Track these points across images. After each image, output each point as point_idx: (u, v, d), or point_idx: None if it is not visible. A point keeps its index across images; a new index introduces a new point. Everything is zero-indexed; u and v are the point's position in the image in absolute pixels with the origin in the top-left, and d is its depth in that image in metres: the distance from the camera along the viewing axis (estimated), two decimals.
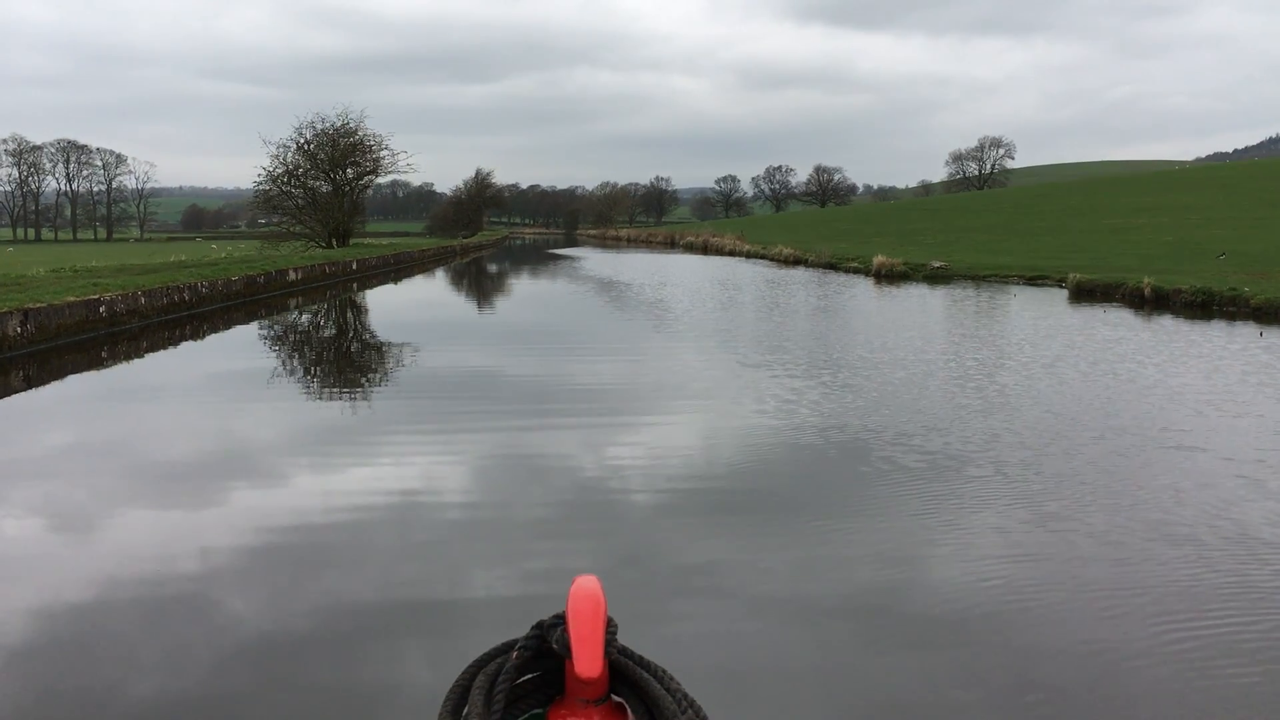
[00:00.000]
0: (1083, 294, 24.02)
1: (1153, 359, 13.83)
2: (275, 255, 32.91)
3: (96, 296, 16.69)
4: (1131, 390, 11.47)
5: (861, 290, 28.59)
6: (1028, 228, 58.49)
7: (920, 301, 24.29)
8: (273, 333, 20.23)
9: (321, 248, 47.73)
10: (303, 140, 48.99)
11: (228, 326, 20.49)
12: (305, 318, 23.27)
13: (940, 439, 9.04)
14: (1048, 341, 15.78)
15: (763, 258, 50.29)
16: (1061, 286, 26.66)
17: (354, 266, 36.28)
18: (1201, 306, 19.90)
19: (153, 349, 17.00)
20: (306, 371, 15.00)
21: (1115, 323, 18.42)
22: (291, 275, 27.96)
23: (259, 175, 48.79)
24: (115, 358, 15.72)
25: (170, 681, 4.50)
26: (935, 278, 31.19)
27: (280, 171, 48.63)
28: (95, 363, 15.10)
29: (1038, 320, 19.13)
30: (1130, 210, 63.57)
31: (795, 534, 6.54)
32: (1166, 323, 18.32)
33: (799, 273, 37.75)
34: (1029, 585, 5.52)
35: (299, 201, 49.85)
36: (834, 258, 39.85)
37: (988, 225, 64.01)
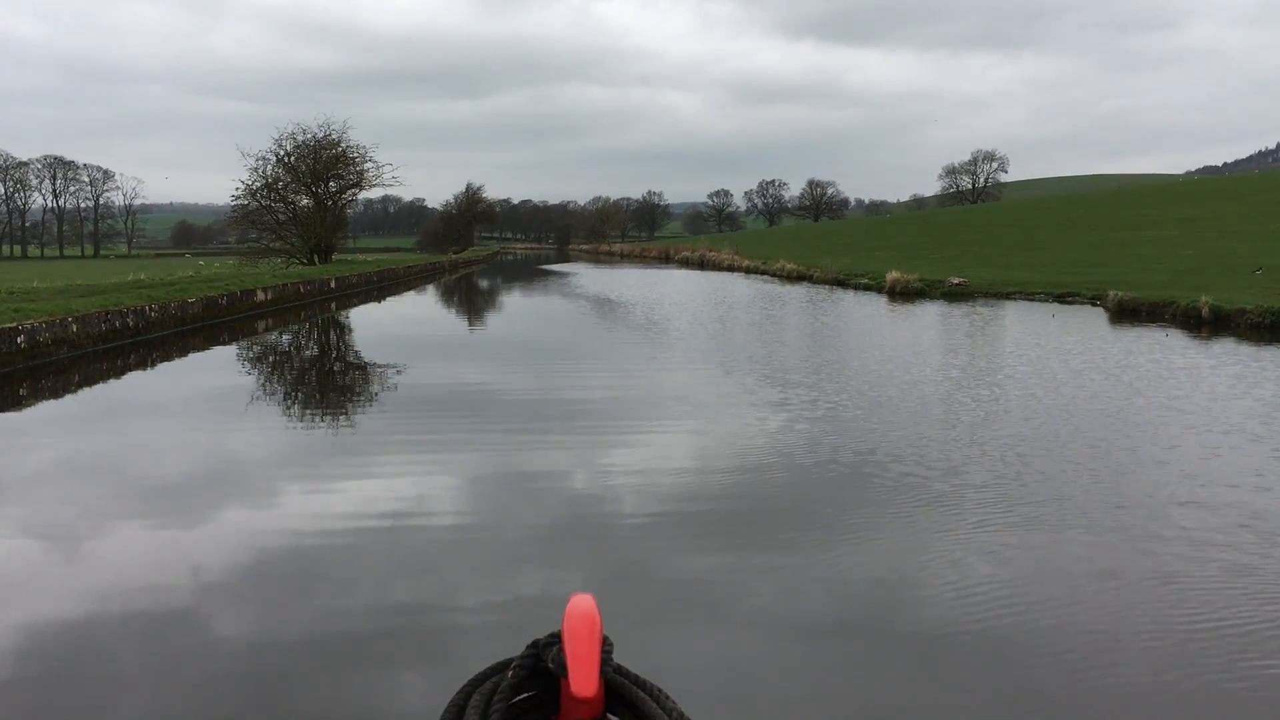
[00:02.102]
0: (1125, 314, 21.94)
1: (1259, 394, 11.72)
2: (244, 274, 30.68)
3: (14, 325, 14.45)
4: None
5: (878, 309, 26.50)
6: (1032, 241, 56.94)
7: (948, 323, 22.18)
8: (234, 357, 18.26)
9: (302, 264, 45.51)
10: (282, 152, 46.77)
11: (184, 353, 18.34)
12: (271, 341, 21.11)
13: (1047, 545, 6.89)
14: (1122, 373, 13.64)
15: (763, 273, 48.26)
16: (1096, 305, 24.62)
17: (332, 285, 34.02)
18: (1270, 328, 17.81)
19: (87, 383, 14.83)
20: (274, 396, 13.88)
21: (1181, 348, 16.33)
22: (260, 295, 25.69)
23: (237, 189, 46.51)
24: (36, 395, 13.54)
25: (159, 703, 4.47)
26: (954, 295, 29.13)
27: (259, 185, 46.37)
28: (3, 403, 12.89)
29: (1090, 345, 17.00)
30: (1136, 223, 62.05)
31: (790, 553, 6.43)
32: (1239, 348, 16.23)
33: (804, 290, 35.69)
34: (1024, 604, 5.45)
35: (279, 216, 47.54)
36: (841, 273, 37.80)
37: (990, 239, 62.50)
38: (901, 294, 30.20)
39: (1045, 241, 55.65)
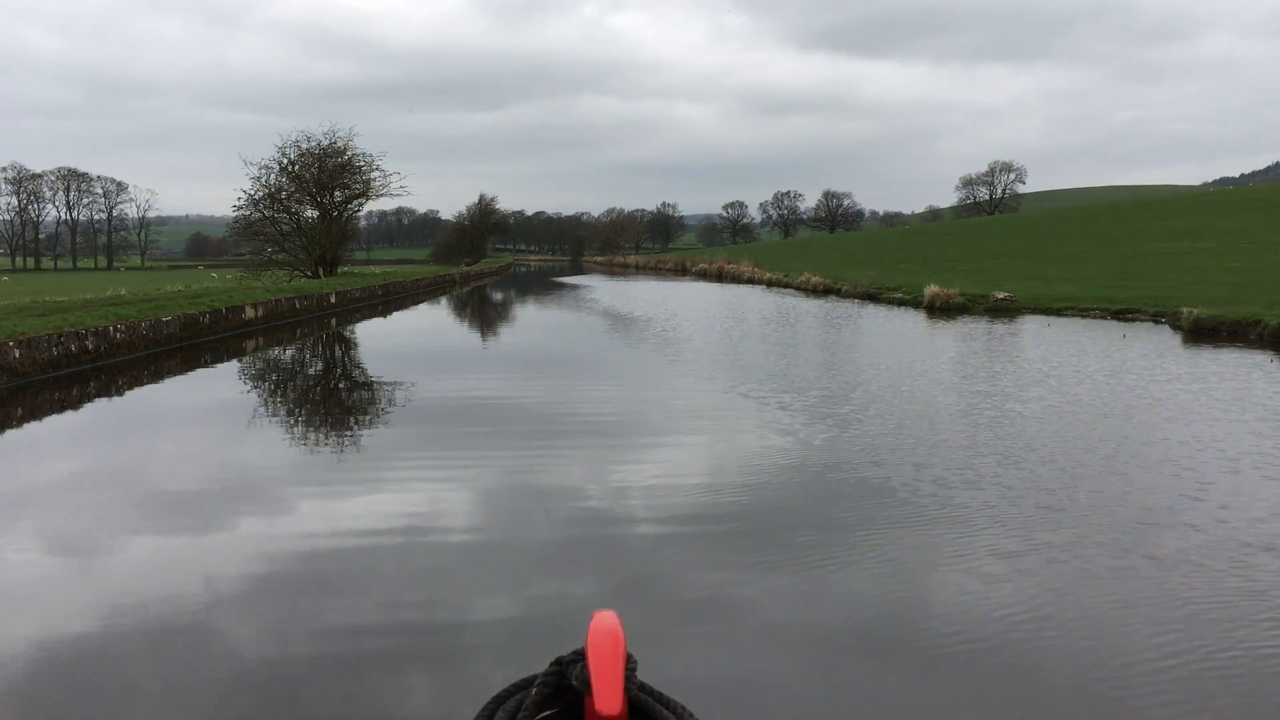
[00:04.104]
0: (1202, 333, 19.73)
1: None
2: (234, 289, 28.81)
3: None
4: None
5: (921, 327, 24.32)
6: (1063, 254, 54.89)
7: (1008, 344, 19.95)
8: (214, 379, 16.32)
9: (307, 277, 43.75)
10: (286, 161, 45.00)
11: (157, 378, 16.42)
12: (260, 361, 19.15)
13: None
14: (1242, 412, 11.45)
15: (787, 286, 46.13)
16: (1160, 322, 22.40)
17: (332, 300, 32.08)
18: None
19: (35, 415, 12.93)
20: (266, 413, 13.12)
21: None
22: (249, 312, 23.73)
23: (239, 199, 44.76)
24: None
25: (171, 712, 4.48)
26: (999, 311, 26.91)
27: (261, 195, 44.62)
28: None
29: (1184, 371, 14.81)
30: (1167, 234, 60.02)
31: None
32: None
33: (833, 304, 33.53)
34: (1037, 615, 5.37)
35: (282, 227, 45.77)
36: (871, 287, 35.63)
37: (1018, 250, 60.54)
38: (942, 309, 27.98)
39: (1078, 254, 53.57)
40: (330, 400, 14.72)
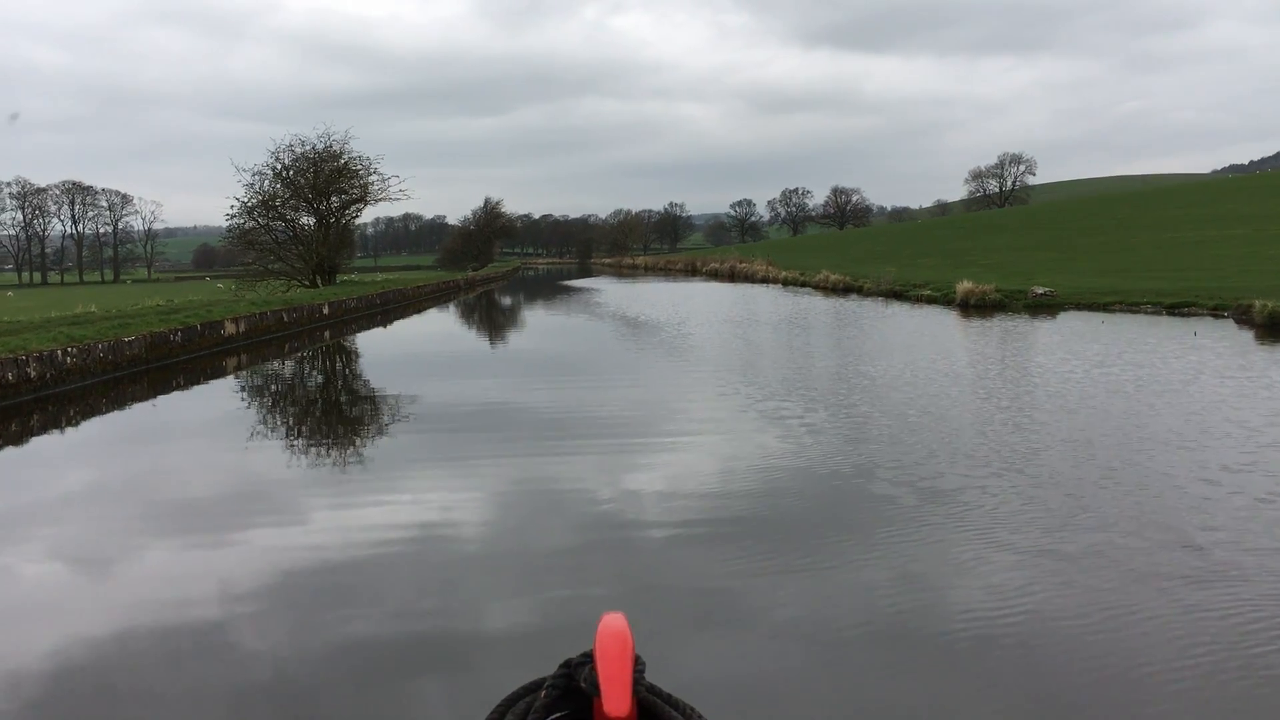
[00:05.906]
0: (1277, 328, 17.76)
1: None
2: (215, 302, 27.08)
3: None
4: None
5: (962, 328, 22.36)
6: (1085, 245, 52.81)
7: (1069, 345, 17.98)
8: (179, 405, 14.57)
9: (305, 286, 42.05)
10: (280, 166, 43.21)
11: (118, 406, 14.69)
12: (236, 381, 17.39)
13: None
14: None
15: (803, 285, 44.18)
16: (1221, 316, 20.43)
17: (325, 311, 30.27)
18: None
19: None
20: (260, 432, 11.31)
21: None
22: (229, 328, 21.91)
23: (232, 207, 42.97)
24: None
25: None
26: (1040, 307, 24.91)
27: (255, 202, 42.85)
28: None
29: (1277, 376, 12.89)
30: (1192, 222, 57.81)
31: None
32: None
33: (855, 304, 31.59)
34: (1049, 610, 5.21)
35: (278, 235, 44.02)
36: (896, 284, 33.64)
37: (1037, 243, 58.45)
38: (977, 307, 25.99)
39: (1101, 245, 51.47)
40: (315, 421, 13.47)
